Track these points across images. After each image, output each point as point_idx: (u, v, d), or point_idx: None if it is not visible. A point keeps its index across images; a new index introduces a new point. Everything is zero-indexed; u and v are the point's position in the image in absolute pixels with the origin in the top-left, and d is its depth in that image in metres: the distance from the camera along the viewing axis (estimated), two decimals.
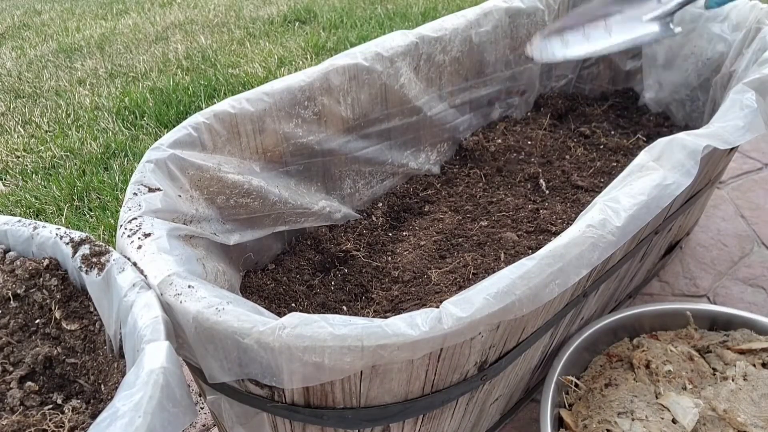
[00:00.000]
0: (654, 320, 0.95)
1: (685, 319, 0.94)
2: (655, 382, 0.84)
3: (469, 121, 1.45)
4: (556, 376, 0.84)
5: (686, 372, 0.84)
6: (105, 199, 1.61)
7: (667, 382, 0.83)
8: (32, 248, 0.71)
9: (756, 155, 1.72)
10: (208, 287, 0.62)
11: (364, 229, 1.18)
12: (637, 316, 0.94)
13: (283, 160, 1.06)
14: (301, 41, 2.68)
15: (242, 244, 0.98)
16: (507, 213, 1.18)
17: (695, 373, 0.85)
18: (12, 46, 2.97)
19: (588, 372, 0.90)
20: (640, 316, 0.94)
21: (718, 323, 0.94)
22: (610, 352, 0.92)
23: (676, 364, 0.85)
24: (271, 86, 1.02)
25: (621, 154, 1.38)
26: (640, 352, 0.88)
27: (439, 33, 1.28)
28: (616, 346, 0.93)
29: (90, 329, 0.67)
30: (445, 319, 0.57)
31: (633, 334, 0.95)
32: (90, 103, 2.20)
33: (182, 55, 2.62)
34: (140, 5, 3.60)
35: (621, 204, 0.73)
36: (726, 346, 0.88)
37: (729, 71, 1.25)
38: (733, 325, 0.93)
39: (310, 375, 0.56)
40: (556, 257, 0.65)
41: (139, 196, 0.76)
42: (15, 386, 0.62)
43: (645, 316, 0.95)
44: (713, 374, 0.85)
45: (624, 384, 0.84)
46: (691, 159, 0.80)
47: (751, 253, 1.38)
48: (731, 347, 0.88)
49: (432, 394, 0.67)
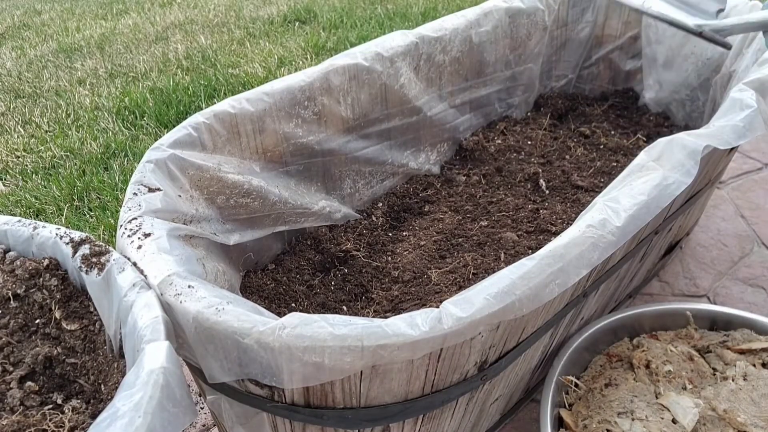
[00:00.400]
0: (654, 320, 0.95)
1: (685, 319, 0.94)
2: (655, 382, 0.84)
3: (469, 121, 1.45)
4: (556, 376, 0.84)
5: (686, 372, 0.84)
6: (105, 199, 1.61)
7: (667, 382, 0.83)
8: (32, 248, 0.71)
9: (756, 155, 1.72)
10: (208, 287, 0.62)
11: (364, 229, 1.18)
12: (637, 316, 0.94)
13: (283, 160, 1.06)
14: (301, 41, 2.68)
15: (242, 244, 0.98)
16: (507, 213, 1.18)
17: (695, 373, 0.85)
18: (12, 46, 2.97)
19: (588, 372, 0.90)
20: (640, 316, 0.94)
21: (718, 323, 0.94)
22: (610, 352, 0.92)
23: (676, 364, 0.85)
24: (271, 86, 1.02)
25: (621, 154, 1.38)
26: (640, 352, 0.88)
27: (439, 33, 1.28)
28: (616, 346, 0.93)
29: (90, 329, 0.67)
30: (445, 319, 0.56)
31: (633, 334, 0.95)
32: (90, 103, 2.20)
33: (182, 55, 2.62)
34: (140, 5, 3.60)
35: (621, 204, 0.73)
36: (726, 346, 0.88)
37: (729, 71, 1.25)
38: (733, 325, 0.93)
39: (310, 375, 0.56)
40: (556, 257, 0.65)
41: (139, 196, 0.76)
42: (15, 386, 0.62)
43: (645, 316, 0.95)
44: (713, 374, 0.85)
45: (624, 384, 0.84)
46: (691, 159, 0.80)
47: (751, 253, 1.38)
48: (731, 347, 0.88)
49: (432, 394, 0.67)
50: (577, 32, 1.63)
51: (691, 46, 1.40)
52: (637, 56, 1.61)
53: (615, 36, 1.62)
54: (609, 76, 1.69)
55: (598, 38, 1.65)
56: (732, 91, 0.94)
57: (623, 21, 1.60)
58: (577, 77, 1.70)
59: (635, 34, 1.59)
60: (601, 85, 1.70)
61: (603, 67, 1.68)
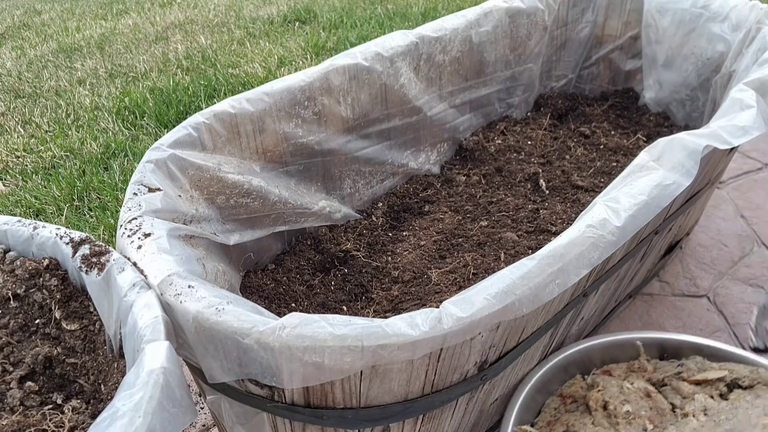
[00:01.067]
0: (604, 353, 0.91)
1: (635, 349, 0.91)
2: (615, 425, 0.80)
3: (469, 121, 1.45)
4: (510, 426, 0.80)
5: (645, 411, 0.81)
6: (105, 199, 1.61)
7: (627, 423, 0.79)
8: (32, 248, 0.71)
9: (756, 155, 1.72)
10: (208, 287, 0.62)
11: (364, 229, 1.18)
12: (586, 350, 0.91)
13: (283, 160, 1.06)
14: (301, 41, 2.68)
15: (242, 244, 0.98)
16: (507, 213, 1.18)
17: (654, 411, 0.81)
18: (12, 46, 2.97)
19: (542, 416, 0.85)
20: (590, 351, 0.91)
21: (667, 350, 0.92)
22: (564, 393, 0.87)
23: (634, 404, 0.81)
24: (271, 86, 1.02)
25: (621, 154, 1.38)
26: (596, 392, 0.84)
27: (439, 33, 1.28)
28: (569, 386, 0.88)
29: (90, 329, 0.67)
30: (445, 319, 0.56)
31: (584, 370, 0.91)
32: (90, 103, 2.20)
33: (182, 55, 2.62)
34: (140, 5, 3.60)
35: (621, 204, 0.73)
36: (681, 377, 0.85)
37: (729, 71, 1.25)
38: (683, 351, 0.90)
39: (310, 375, 0.56)
40: (556, 257, 0.65)
41: (139, 196, 0.76)
42: (15, 386, 0.62)
43: (594, 349, 0.91)
44: (673, 411, 0.81)
45: (583, 430, 0.80)
46: (691, 159, 0.80)
47: (751, 253, 1.38)
48: (687, 379, 0.84)
49: (432, 394, 0.67)
50: (577, 32, 1.63)
51: (691, 46, 1.40)
52: (637, 56, 1.60)
53: (615, 36, 1.62)
54: (609, 76, 1.69)
55: (598, 38, 1.65)
56: (732, 91, 0.94)
57: (623, 21, 1.60)
58: (577, 77, 1.70)
59: (635, 34, 1.59)
60: (601, 85, 1.70)
61: (603, 67, 1.68)
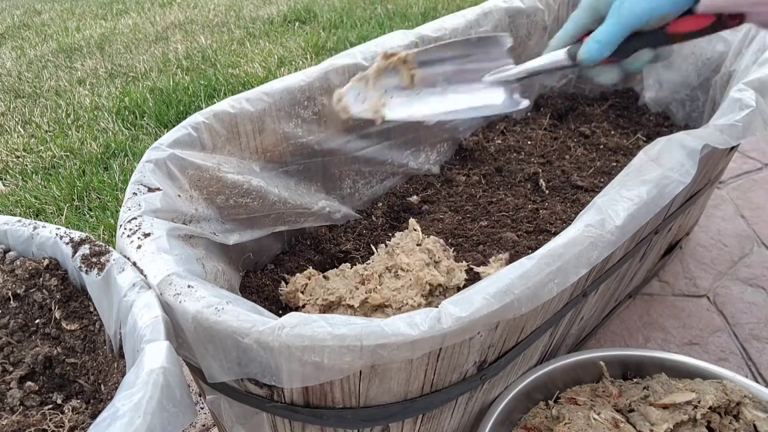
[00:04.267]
0: (567, 375, 0.89)
1: (598, 368, 0.89)
2: None
3: (469, 121, 1.45)
4: None
5: None
6: (105, 199, 1.61)
7: None
8: (32, 248, 0.71)
9: (756, 155, 1.72)
10: (208, 287, 0.62)
11: (364, 229, 1.18)
12: (549, 373, 0.88)
13: (282, 160, 1.06)
14: (301, 41, 2.68)
15: (242, 244, 0.98)
16: (507, 213, 1.18)
17: None
18: (12, 46, 2.97)
19: None
20: (552, 373, 0.88)
21: (630, 367, 0.90)
22: (528, 425, 0.84)
23: None
24: (271, 86, 1.02)
25: (621, 154, 1.38)
26: (562, 426, 0.80)
27: (439, 33, 1.28)
28: (533, 415, 0.85)
29: (90, 329, 0.67)
30: (444, 319, 0.57)
31: (547, 395, 0.88)
32: (90, 103, 2.20)
33: (182, 55, 2.62)
34: (140, 5, 3.60)
35: (620, 204, 0.73)
36: (649, 402, 0.82)
37: (729, 71, 1.25)
38: (645, 367, 0.89)
39: (309, 375, 0.56)
40: (555, 257, 0.65)
41: (138, 195, 0.76)
42: (15, 386, 0.62)
43: (557, 372, 0.89)
44: None
45: None
46: (690, 159, 0.80)
47: (751, 253, 1.38)
48: (654, 403, 0.82)
49: (431, 394, 0.67)
50: None
51: (691, 46, 1.40)
52: None
53: None
54: None
55: None
56: (732, 90, 0.94)
57: None
58: (577, 77, 1.70)
59: None
60: (601, 84, 1.70)
61: None
